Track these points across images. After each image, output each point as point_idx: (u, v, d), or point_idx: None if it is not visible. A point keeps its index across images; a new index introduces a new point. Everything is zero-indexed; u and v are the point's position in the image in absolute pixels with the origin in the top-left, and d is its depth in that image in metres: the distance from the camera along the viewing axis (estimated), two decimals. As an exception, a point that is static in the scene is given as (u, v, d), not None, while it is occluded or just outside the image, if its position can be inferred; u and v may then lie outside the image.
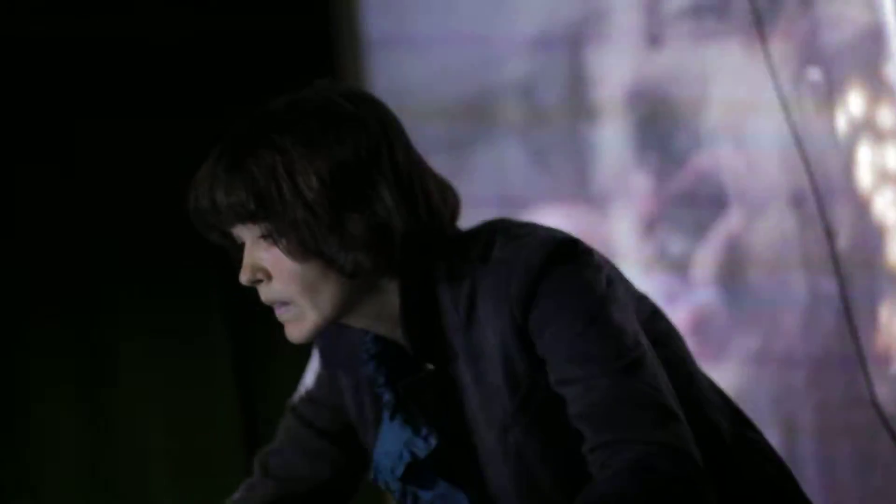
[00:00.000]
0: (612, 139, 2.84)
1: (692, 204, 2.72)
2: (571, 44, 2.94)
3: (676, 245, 2.74)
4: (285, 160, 1.53)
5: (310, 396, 1.87)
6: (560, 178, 2.95)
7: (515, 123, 3.03)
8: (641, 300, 1.66)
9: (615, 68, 2.83)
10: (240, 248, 1.63)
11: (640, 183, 2.81)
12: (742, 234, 2.62)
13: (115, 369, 3.40)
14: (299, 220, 1.53)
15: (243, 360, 3.59)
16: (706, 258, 2.66)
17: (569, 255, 1.55)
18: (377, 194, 1.55)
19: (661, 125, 2.76)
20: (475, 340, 1.59)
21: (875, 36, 2.34)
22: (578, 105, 2.90)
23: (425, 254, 1.61)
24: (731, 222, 2.64)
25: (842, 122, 2.40)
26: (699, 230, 2.69)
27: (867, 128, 2.36)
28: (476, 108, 3.10)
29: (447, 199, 1.65)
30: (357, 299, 1.61)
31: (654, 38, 2.76)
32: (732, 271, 2.63)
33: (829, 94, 2.42)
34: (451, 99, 3.10)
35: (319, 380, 1.85)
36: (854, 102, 2.38)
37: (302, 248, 1.54)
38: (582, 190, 2.88)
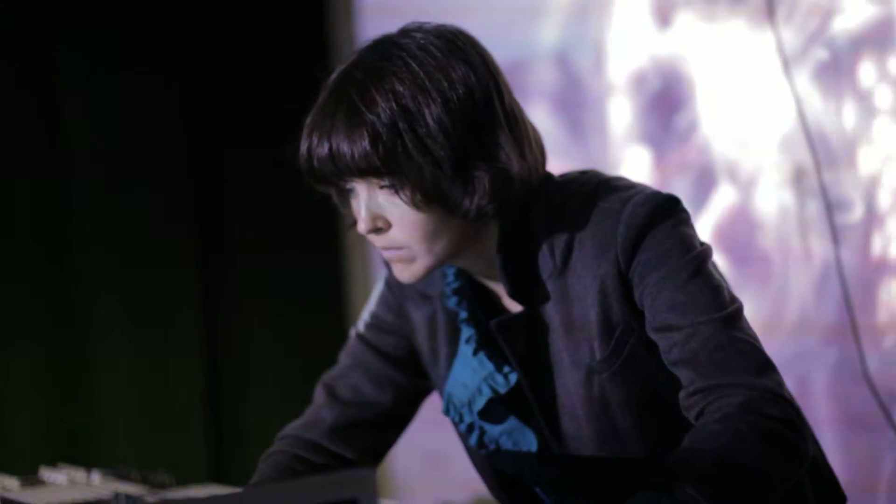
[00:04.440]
0: (620, 113, 2.94)
1: (691, 177, 2.82)
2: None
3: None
4: (403, 111, 1.52)
5: (375, 323, 1.87)
6: (582, 145, 3.03)
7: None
8: None
9: (627, 46, 2.93)
10: (343, 194, 1.64)
11: (642, 155, 2.91)
12: (741, 206, 2.72)
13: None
14: (425, 172, 1.53)
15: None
16: (707, 225, 2.76)
17: (672, 211, 1.61)
18: (495, 139, 1.57)
19: (666, 102, 2.86)
20: (568, 285, 1.63)
21: (884, 26, 2.46)
22: (602, 78, 2.99)
23: (527, 197, 1.64)
24: (728, 195, 2.74)
25: (849, 104, 2.53)
26: (698, 201, 2.79)
27: (873, 110, 2.49)
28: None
29: (539, 142, 1.68)
30: (467, 242, 1.63)
31: (664, 19, 2.86)
32: (734, 237, 2.73)
33: (837, 75, 2.54)
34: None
35: (386, 307, 1.86)
36: (862, 85, 2.50)
37: (425, 198, 1.55)
38: (598, 155, 2.96)
